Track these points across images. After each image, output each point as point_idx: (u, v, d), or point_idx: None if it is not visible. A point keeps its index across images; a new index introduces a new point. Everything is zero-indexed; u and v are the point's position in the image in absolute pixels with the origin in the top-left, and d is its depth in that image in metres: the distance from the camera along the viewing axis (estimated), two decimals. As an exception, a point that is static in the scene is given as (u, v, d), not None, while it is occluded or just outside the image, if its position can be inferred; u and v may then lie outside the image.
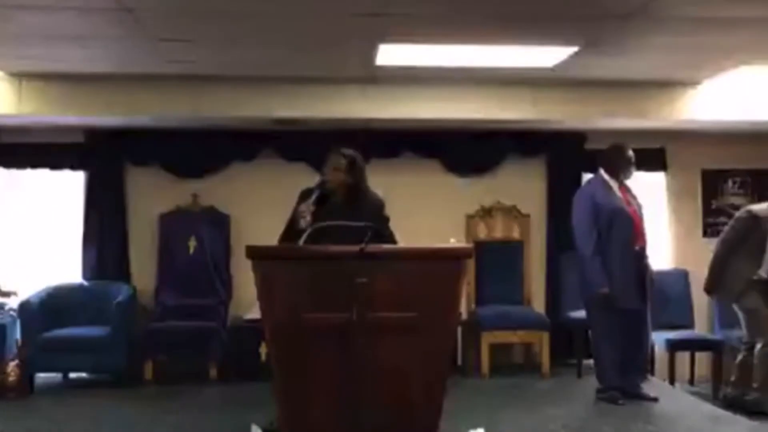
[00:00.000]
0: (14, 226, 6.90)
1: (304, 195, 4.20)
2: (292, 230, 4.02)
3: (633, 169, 5.46)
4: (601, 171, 5.48)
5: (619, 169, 5.41)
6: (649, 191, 6.51)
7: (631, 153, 5.44)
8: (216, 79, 5.94)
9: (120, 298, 6.30)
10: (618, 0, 4.07)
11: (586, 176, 7.00)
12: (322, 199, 4.16)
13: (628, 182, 5.52)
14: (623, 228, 5.29)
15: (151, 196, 6.89)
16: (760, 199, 5.88)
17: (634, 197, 5.49)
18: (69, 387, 6.30)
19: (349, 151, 4.27)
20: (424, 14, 4.31)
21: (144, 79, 5.87)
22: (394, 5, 4.12)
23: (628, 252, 5.28)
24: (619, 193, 5.40)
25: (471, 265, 6.67)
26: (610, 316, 5.30)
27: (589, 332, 5.84)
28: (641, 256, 5.35)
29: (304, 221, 3.99)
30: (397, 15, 4.28)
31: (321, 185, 4.20)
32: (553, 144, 7.08)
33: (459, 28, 4.59)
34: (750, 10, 4.20)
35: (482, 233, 7.05)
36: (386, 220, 4.26)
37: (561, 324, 6.66)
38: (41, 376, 6.24)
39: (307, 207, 4.04)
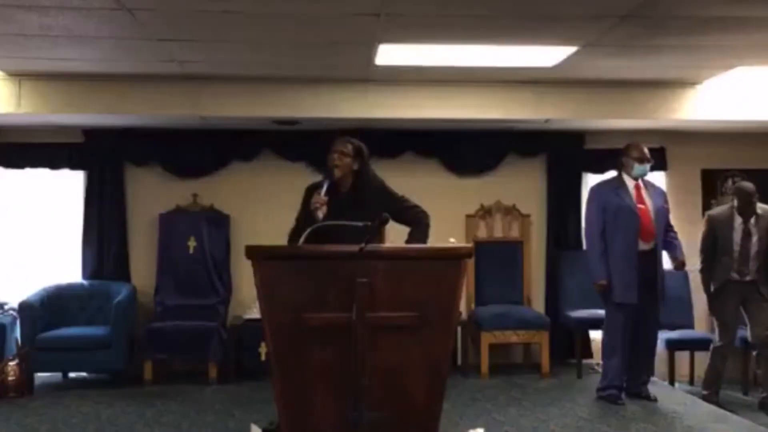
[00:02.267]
0: (14, 225, 6.90)
1: (311, 190, 4.06)
2: (306, 224, 3.73)
3: (637, 166, 5.44)
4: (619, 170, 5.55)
5: (626, 166, 5.44)
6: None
7: (636, 152, 5.42)
8: (216, 79, 5.94)
9: (120, 298, 6.30)
10: (618, 0, 4.07)
11: (586, 176, 7.04)
12: (330, 191, 4.02)
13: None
14: (627, 225, 5.33)
15: (151, 196, 6.89)
16: (760, 200, 5.87)
17: (654, 196, 5.48)
18: (69, 387, 6.28)
19: (354, 139, 4.17)
20: (424, 14, 4.31)
21: (144, 79, 5.87)
22: (394, 5, 4.11)
23: (630, 249, 5.30)
24: (632, 191, 5.42)
25: (471, 265, 6.68)
26: (612, 310, 5.38)
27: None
28: (649, 254, 5.36)
29: (321, 212, 3.89)
30: (397, 15, 4.28)
31: (330, 175, 4.04)
32: (553, 144, 7.09)
33: (459, 28, 4.59)
34: (750, 10, 4.20)
35: (482, 233, 7.06)
36: (402, 198, 4.14)
37: (561, 324, 6.68)
38: (41, 376, 6.25)
39: (321, 198, 3.92)
